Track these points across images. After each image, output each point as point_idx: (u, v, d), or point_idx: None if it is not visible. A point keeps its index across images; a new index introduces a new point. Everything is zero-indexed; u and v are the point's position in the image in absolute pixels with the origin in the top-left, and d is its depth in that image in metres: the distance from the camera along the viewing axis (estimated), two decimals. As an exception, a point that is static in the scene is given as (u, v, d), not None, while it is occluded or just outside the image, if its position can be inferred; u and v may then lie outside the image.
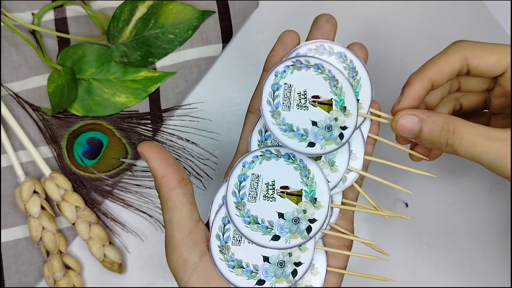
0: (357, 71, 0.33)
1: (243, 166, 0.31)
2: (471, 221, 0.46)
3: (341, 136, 0.31)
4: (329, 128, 0.31)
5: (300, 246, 0.31)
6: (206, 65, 0.47)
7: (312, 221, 0.31)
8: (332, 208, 0.32)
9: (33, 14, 0.47)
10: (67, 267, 0.43)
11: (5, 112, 0.45)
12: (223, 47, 0.48)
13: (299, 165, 0.31)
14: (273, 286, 0.30)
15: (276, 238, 0.30)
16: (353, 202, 0.33)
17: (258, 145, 0.32)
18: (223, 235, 0.31)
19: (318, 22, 0.34)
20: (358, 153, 0.33)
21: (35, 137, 0.45)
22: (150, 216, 0.45)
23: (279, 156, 0.31)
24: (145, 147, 0.30)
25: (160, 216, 0.45)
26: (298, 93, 0.31)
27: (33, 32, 0.47)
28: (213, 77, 0.48)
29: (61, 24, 0.47)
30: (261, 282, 0.30)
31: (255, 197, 0.31)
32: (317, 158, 0.32)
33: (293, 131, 0.31)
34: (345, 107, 0.32)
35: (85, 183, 0.45)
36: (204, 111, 0.47)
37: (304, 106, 0.31)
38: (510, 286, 0.45)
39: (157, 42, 0.46)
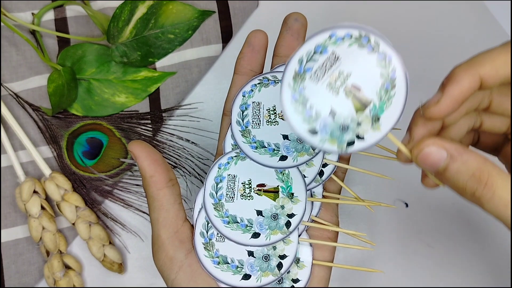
0: (395, 85, 0.26)
1: (219, 168, 0.31)
2: (471, 221, 0.46)
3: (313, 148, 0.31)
4: (300, 140, 0.31)
5: (283, 240, 0.31)
6: (206, 65, 0.47)
7: (291, 216, 0.31)
8: (311, 202, 0.32)
9: (33, 14, 0.47)
10: (67, 267, 0.43)
11: (5, 112, 0.45)
12: (223, 47, 0.48)
13: None
14: (258, 281, 0.31)
15: (256, 235, 0.31)
16: (335, 195, 0.33)
17: (232, 148, 0.32)
18: (207, 233, 0.31)
19: (287, 22, 0.34)
20: None
21: (35, 137, 0.45)
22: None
23: None
24: (135, 146, 0.30)
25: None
26: (267, 110, 0.31)
27: (33, 32, 0.47)
28: (213, 77, 0.48)
29: (61, 24, 0.47)
30: (247, 276, 0.31)
31: (232, 197, 0.31)
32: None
33: (264, 147, 0.31)
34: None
35: (85, 183, 0.45)
36: (204, 111, 0.47)
37: (275, 121, 0.31)
38: (510, 286, 0.45)
39: (157, 42, 0.46)
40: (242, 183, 0.31)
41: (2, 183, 0.45)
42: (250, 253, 0.31)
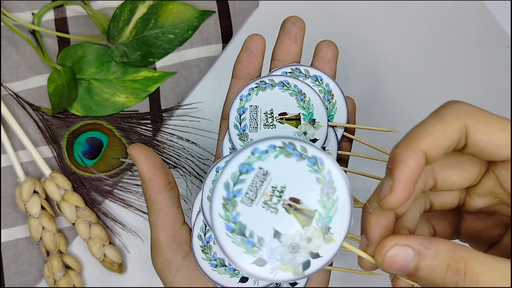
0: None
1: (217, 172, 0.31)
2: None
3: None
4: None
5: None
6: (206, 65, 0.47)
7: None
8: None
9: (33, 14, 0.47)
10: (67, 267, 0.43)
11: (5, 112, 0.45)
12: (223, 47, 0.48)
13: None
14: (255, 284, 0.30)
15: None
16: None
17: (230, 152, 0.32)
18: (204, 235, 0.31)
19: (285, 26, 0.34)
20: (331, 149, 0.32)
21: (35, 137, 0.45)
22: (150, 216, 0.45)
23: None
24: (135, 149, 0.31)
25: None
26: (264, 113, 0.31)
27: (33, 32, 0.47)
28: (213, 77, 0.48)
29: (61, 24, 0.47)
30: (244, 279, 0.30)
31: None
32: None
33: None
34: (314, 120, 0.31)
35: (85, 183, 0.45)
36: (204, 111, 0.47)
37: (272, 125, 0.31)
38: (510, 286, 0.45)
39: (157, 42, 0.46)
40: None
41: (2, 183, 0.45)
42: None
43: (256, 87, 0.32)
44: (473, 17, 0.49)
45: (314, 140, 0.31)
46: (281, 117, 0.31)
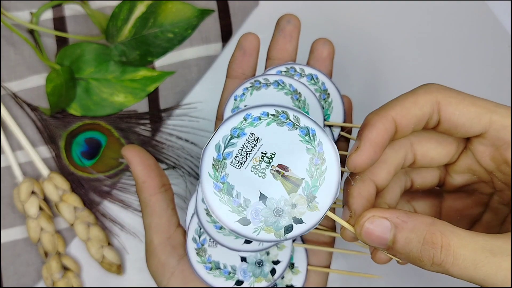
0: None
1: None
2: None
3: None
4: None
5: (277, 245, 0.30)
6: (206, 64, 0.47)
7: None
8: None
9: (31, 13, 0.47)
10: (65, 268, 0.43)
11: (3, 112, 0.44)
12: (223, 46, 0.48)
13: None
14: (251, 286, 0.30)
15: (249, 241, 0.30)
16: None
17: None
18: (199, 238, 0.31)
19: (280, 24, 0.33)
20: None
21: (33, 137, 0.45)
22: (149, 216, 0.45)
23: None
24: (129, 151, 0.30)
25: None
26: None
27: (31, 31, 0.46)
28: (213, 77, 0.47)
29: (59, 23, 0.47)
30: (239, 282, 0.30)
31: None
32: None
33: None
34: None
35: (84, 183, 0.44)
36: (204, 111, 0.46)
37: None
38: (510, 286, 0.45)
39: (156, 41, 0.46)
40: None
41: (0, 184, 0.44)
42: (243, 259, 0.31)
43: (250, 86, 0.31)
44: (474, 16, 0.49)
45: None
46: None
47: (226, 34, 0.47)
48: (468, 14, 0.49)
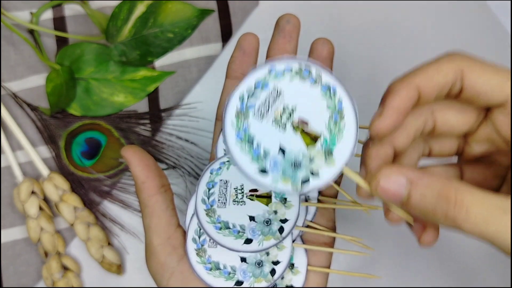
0: (343, 115, 0.25)
1: (211, 173, 0.31)
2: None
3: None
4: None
5: (277, 246, 0.30)
6: (206, 64, 0.47)
7: (284, 221, 0.30)
8: (306, 206, 0.32)
9: (31, 13, 0.47)
10: (65, 268, 0.43)
11: (3, 112, 0.44)
12: (223, 46, 0.48)
13: None
14: (251, 287, 0.30)
15: (248, 241, 0.30)
16: (331, 199, 0.32)
17: (224, 153, 0.32)
18: (199, 238, 0.31)
19: (279, 24, 0.33)
20: None
21: (33, 137, 0.45)
22: (149, 216, 0.45)
23: None
24: (128, 151, 0.30)
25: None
26: (235, 188, 0.31)
27: (31, 31, 0.46)
28: (213, 77, 0.47)
29: (59, 23, 0.47)
30: (239, 283, 0.30)
31: (224, 203, 0.30)
32: None
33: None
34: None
35: (84, 183, 0.44)
36: (204, 111, 0.46)
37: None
38: (510, 286, 0.45)
39: (156, 41, 0.46)
40: (234, 189, 0.30)
41: (0, 184, 0.44)
42: (243, 259, 0.31)
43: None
44: (474, 16, 0.49)
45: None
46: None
47: (226, 34, 0.47)
48: (468, 14, 0.49)
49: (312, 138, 0.25)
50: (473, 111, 0.27)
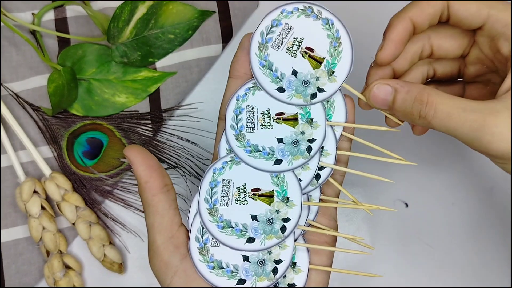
0: (340, 42, 0.31)
1: (213, 173, 0.31)
2: (471, 221, 0.46)
3: (309, 149, 0.31)
4: (296, 143, 0.31)
5: (279, 245, 0.31)
6: (206, 65, 0.47)
7: (286, 220, 0.31)
8: (308, 206, 0.32)
9: (33, 14, 0.47)
10: (67, 267, 0.43)
11: (5, 112, 0.45)
12: (223, 47, 0.48)
13: None
14: (253, 285, 0.30)
15: (251, 240, 0.30)
16: (333, 199, 0.33)
17: (227, 152, 0.32)
18: (202, 237, 0.31)
19: None
20: (329, 149, 0.32)
21: (35, 137, 0.45)
22: (150, 216, 0.45)
23: None
24: (131, 151, 0.31)
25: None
26: (261, 113, 0.32)
27: (33, 32, 0.47)
28: (213, 77, 0.48)
29: (61, 24, 0.47)
30: (241, 281, 0.30)
31: (227, 202, 0.31)
32: None
33: (259, 151, 0.31)
34: (312, 119, 0.32)
35: (85, 183, 0.45)
36: (204, 111, 0.47)
37: (269, 125, 0.32)
38: (510, 286, 0.45)
39: (157, 42, 0.46)
40: (237, 188, 0.31)
41: (2, 183, 0.45)
42: (245, 258, 0.31)
43: (253, 86, 0.32)
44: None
45: (312, 140, 0.31)
46: (278, 117, 0.31)
47: (226, 35, 0.48)
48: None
49: (317, 62, 0.31)
50: (464, 36, 0.33)
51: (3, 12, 0.46)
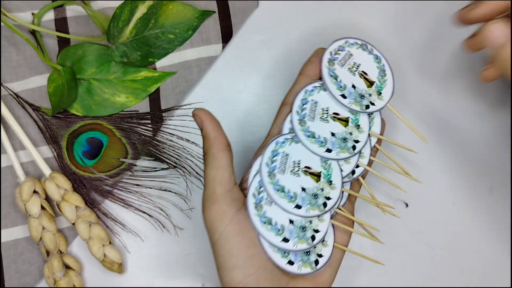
0: (385, 73, 0.40)
1: (276, 144, 0.37)
2: (471, 221, 0.46)
3: (353, 147, 0.38)
4: (344, 139, 0.38)
5: (318, 217, 0.36)
6: (206, 65, 0.47)
7: (328, 198, 0.36)
8: (342, 192, 0.37)
9: (33, 14, 0.47)
10: (67, 267, 0.43)
11: (5, 112, 0.45)
12: (223, 47, 0.48)
13: None
14: (295, 246, 0.35)
15: (298, 207, 0.35)
16: (357, 194, 0.39)
17: (289, 131, 0.38)
18: (258, 194, 0.36)
19: (317, 52, 0.40)
20: (365, 152, 0.38)
21: (35, 137, 0.45)
22: (150, 216, 0.45)
23: None
24: (200, 111, 0.35)
25: (160, 216, 0.45)
26: (322, 109, 0.38)
27: (33, 32, 0.47)
28: (213, 77, 0.48)
29: (61, 24, 0.47)
30: (285, 240, 0.35)
31: (283, 171, 0.36)
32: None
33: (315, 137, 0.37)
34: (359, 125, 0.38)
35: (85, 183, 0.45)
36: (204, 111, 0.47)
37: (326, 119, 0.38)
38: (510, 286, 0.45)
39: (157, 42, 0.46)
40: (293, 162, 0.36)
41: (2, 183, 0.45)
42: (291, 221, 0.36)
43: (319, 86, 0.38)
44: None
45: (357, 141, 0.38)
46: (334, 115, 0.38)
47: (226, 35, 0.48)
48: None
49: (369, 83, 0.39)
50: None
51: (3, 12, 0.46)
